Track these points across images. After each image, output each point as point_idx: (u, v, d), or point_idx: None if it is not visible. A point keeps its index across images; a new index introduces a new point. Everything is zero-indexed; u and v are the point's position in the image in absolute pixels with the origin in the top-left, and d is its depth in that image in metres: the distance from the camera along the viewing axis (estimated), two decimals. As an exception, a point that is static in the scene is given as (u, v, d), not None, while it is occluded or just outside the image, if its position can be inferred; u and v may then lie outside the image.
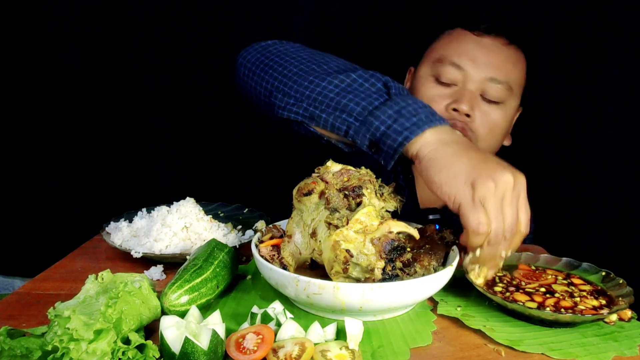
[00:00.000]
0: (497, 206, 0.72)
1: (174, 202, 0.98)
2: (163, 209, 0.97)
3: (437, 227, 0.85)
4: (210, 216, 1.01)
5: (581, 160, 1.58)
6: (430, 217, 1.05)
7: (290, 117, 0.92)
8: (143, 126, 1.68)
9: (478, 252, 0.73)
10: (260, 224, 1.03)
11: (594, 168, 1.57)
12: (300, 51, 1.01)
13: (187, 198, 1.00)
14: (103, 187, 1.73)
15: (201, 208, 0.99)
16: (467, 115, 1.11)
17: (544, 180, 1.64)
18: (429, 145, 0.79)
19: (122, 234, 0.95)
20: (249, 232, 1.02)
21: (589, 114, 1.56)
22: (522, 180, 0.77)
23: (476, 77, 1.12)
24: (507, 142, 1.27)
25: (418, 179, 1.25)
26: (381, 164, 0.85)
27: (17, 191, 1.79)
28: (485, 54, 1.13)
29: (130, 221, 1.01)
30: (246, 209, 1.14)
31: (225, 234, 0.99)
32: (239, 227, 1.05)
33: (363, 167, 0.82)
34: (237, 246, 0.94)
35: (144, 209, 1.02)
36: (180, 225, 0.94)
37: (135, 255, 0.89)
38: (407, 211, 0.84)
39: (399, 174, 1.26)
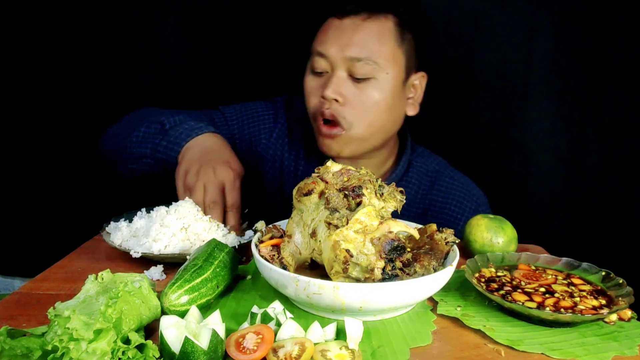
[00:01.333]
0: (200, 186, 1.02)
1: (173, 203, 0.98)
2: (162, 209, 0.97)
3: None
4: (209, 216, 1.01)
5: (581, 160, 1.59)
6: None
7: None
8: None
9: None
10: (260, 224, 1.03)
11: (594, 168, 1.57)
12: (125, 125, 1.26)
13: (186, 198, 1.00)
14: (103, 187, 1.73)
15: (200, 208, 0.99)
16: (337, 100, 1.13)
17: (544, 181, 1.64)
18: (184, 152, 1.11)
19: (121, 233, 0.95)
20: (249, 232, 1.02)
21: (589, 114, 1.56)
22: (228, 174, 1.05)
23: (338, 60, 1.13)
24: (411, 112, 1.25)
25: None
26: None
27: (17, 191, 1.80)
28: (345, 35, 1.14)
29: (130, 221, 1.01)
30: (246, 209, 1.14)
31: (225, 234, 0.99)
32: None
33: (363, 167, 0.82)
34: (237, 246, 0.94)
35: (143, 209, 1.02)
36: (179, 226, 0.94)
37: (135, 255, 0.89)
38: None
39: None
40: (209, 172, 1.03)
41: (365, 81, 1.14)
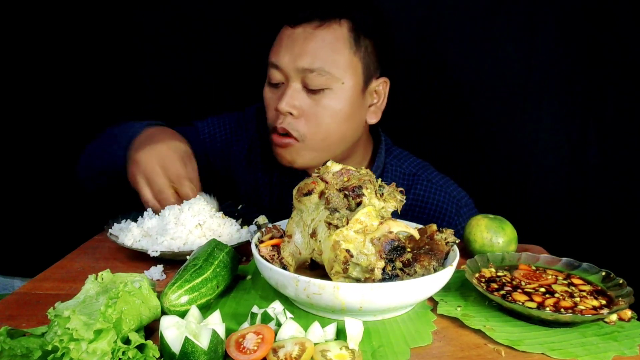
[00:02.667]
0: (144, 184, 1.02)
1: (185, 201, 0.99)
2: (175, 207, 0.98)
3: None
4: (222, 212, 1.02)
5: (581, 160, 1.59)
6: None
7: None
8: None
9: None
10: (262, 219, 1.03)
11: (594, 168, 1.57)
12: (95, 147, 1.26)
13: (198, 196, 1.01)
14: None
15: (212, 205, 1.01)
16: (291, 113, 1.10)
17: (545, 181, 1.64)
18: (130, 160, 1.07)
19: (132, 234, 0.95)
20: (251, 227, 1.03)
21: (588, 114, 1.56)
22: (171, 152, 1.03)
23: (291, 72, 1.10)
24: (372, 120, 1.21)
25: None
26: None
27: (17, 191, 1.79)
28: (297, 45, 1.10)
29: (135, 221, 1.01)
30: (240, 205, 1.14)
31: (238, 230, 1.00)
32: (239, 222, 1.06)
33: (363, 167, 0.82)
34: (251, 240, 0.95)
35: (149, 209, 1.02)
36: (194, 223, 0.95)
37: (153, 254, 0.90)
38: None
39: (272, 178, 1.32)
40: (160, 160, 1.02)
41: (320, 92, 1.10)
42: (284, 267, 0.77)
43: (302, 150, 1.14)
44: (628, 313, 0.76)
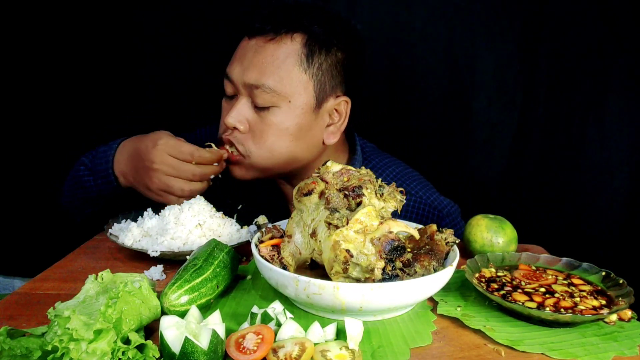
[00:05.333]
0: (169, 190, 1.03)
1: (185, 201, 0.99)
2: (175, 208, 0.98)
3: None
4: (222, 212, 1.02)
5: (581, 160, 1.59)
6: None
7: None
8: (142, 128, 1.68)
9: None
10: (262, 219, 1.03)
11: (594, 168, 1.57)
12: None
13: (198, 196, 1.01)
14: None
15: (212, 206, 1.01)
16: (236, 128, 1.07)
17: (545, 181, 1.64)
18: (119, 168, 1.09)
19: (132, 234, 0.95)
20: (251, 227, 1.03)
21: (589, 114, 1.56)
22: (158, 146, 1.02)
23: (240, 87, 1.06)
24: (330, 140, 1.13)
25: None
26: None
27: (18, 191, 1.79)
28: (246, 58, 1.05)
29: (134, 221, 1.01)
30: (240, 205, 1.14)
31: (238, 230, 1.00)
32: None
33: (363, 167, 0.82)
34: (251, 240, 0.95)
35: (149, 209, 1.02)
36: (194, 223, 0.95)
37: (153, 254, 0.90)
38: None
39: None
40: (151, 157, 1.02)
41: (267, 109, 1.05)
42: (284, 267, 0.77)
43: (249, 167, 1.10)
44: (628, 313, 0.76)
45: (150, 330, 0.69)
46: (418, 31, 1.35)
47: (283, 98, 1.05)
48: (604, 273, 0.83)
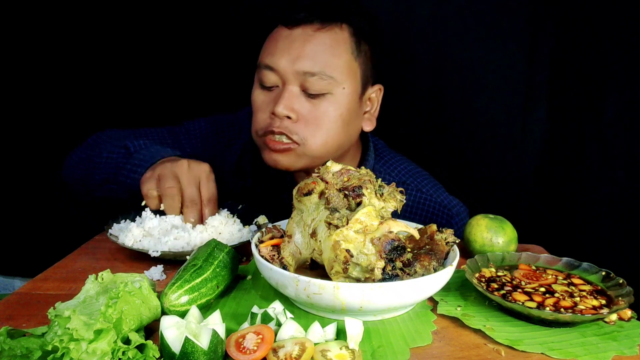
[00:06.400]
0: (172, 191, 0.97)
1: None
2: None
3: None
4: (225, 210, 1.02)
5: (581, 160, 1.59)
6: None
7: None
8: (142, 124, 1.69)
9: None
10: (262, 219, 1.03)
11: (594, 168, 1.57)
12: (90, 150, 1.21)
13: (217, 214, 1.01)
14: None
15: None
16: (289, 117, 1.06)
17: (545, 181, 1.64)
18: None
19: (132, 234, 0.94)
20: (252, 227, 1.03)
21: (589, 114, 1.56)
22: (202, 167, 1.00)
23: (290, 75, 1.06)
24: (367, 127, 1.19)
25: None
26: None
27: (18, 191, 1.79)
28: (296, 47, 1.05)
29: (133, 221, 1.01)
30: (240, 206, 1.14)
31: (240, 229, 1.00)
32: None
33: (363, 167, 0.82)
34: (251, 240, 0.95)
35: (147, 209, 1.02)
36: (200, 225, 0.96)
37: (154, 254, 0.90)
38: None
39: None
40: (183, 166, 0.98)
41: (320, 97, 1.07)
42: (284, 267, 0.77)
43: (302, 155, 1.11)
44: (628, 313, 0.76)
45: (151, 330, 0.69)
46: (418, 31, 1.35)
47: (338, 84, 1.07)
48: (604, 273, 0.83)
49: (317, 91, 1.07)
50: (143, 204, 1.01)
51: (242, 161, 1.31)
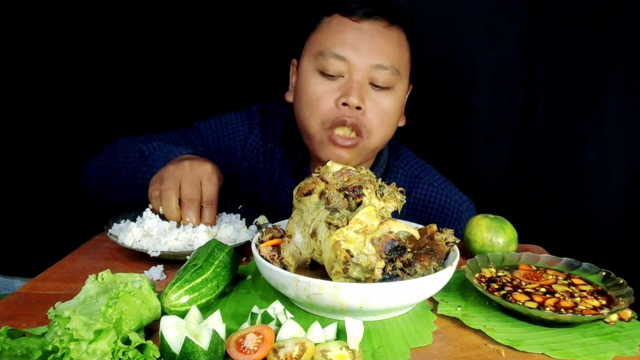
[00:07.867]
0: (171, 193, 0.98)
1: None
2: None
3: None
4: (224, 213, 1.02)
5: (581, 160, 1.59)
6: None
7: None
8: (142, 128, 1.69)
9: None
10: (262, 219, 1.03)
11: (594, 168, 1.57)
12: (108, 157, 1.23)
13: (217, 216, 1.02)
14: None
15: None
16: (359, 108, 1.07)
17: (545, 181, 1.64)
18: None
19: (132, 234, 0.94)
20: (252, 228, 1.03)
21: (589, 113, 1.56)
22: (205, 168, 1.01)
23: (361, 66, 1.07)
24: (401, 123, 1.23)
25: None
26: None
27: (18, 191, 1.79)
28: (367, 40, 1.08)
29: (133, 220, 1.01)
30: (240, 206, 1.14)
31: (239, 230, 1.00)
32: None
33: (363, 167, 0.82)
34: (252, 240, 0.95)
35: (147, 209, 1.02)
36: (202, 225, 0.96)
37: (154, 254, 0.90)
38: None
39: None
40: (185, 167, 1.00)
41: (385, 90, 1.10)
42: (284, 267, 0.77)
43: (363, 150, 1.11)
44: (628, 313, 0.76)
45: (151, 330, 0.69)
46: (418, 30, 1.35)
47: (402, 79, 1.13)
48: (604, 273, 0.83)
49: (384, 84, 1.09)
50: (149, 206, 1.02)
51: (268, 153, 1.32)
